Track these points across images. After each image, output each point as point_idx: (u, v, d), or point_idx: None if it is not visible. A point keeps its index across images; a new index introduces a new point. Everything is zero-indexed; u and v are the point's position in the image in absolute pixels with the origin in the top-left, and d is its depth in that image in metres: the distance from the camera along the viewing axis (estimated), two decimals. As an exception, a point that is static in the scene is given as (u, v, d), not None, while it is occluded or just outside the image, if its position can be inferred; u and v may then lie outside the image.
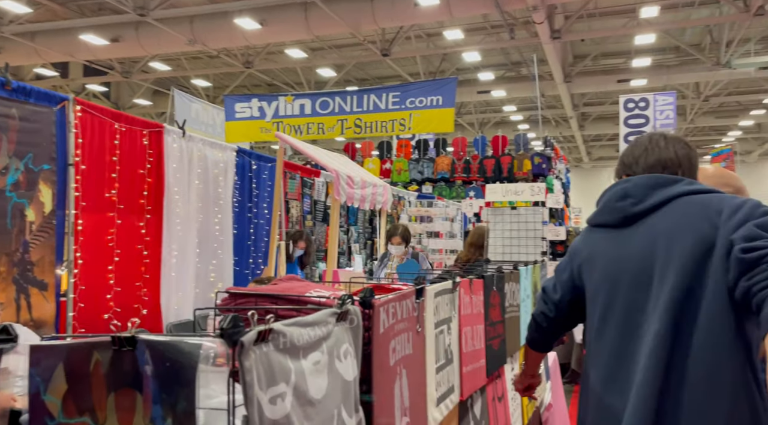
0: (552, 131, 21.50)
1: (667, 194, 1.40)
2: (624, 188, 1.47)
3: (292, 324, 0.74)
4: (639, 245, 1.40)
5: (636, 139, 1.60)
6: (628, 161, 1.56)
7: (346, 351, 0.84)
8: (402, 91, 9.37)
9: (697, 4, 12.33)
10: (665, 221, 1.38)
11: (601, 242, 1.49)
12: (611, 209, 1.48)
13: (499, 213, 3.01)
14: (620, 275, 1.41)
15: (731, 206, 1.31)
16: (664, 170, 1.48)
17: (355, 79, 18.04)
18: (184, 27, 11.72)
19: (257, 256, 5.06)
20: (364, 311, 0.92)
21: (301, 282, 1.12)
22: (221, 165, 4.55)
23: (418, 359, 1.13)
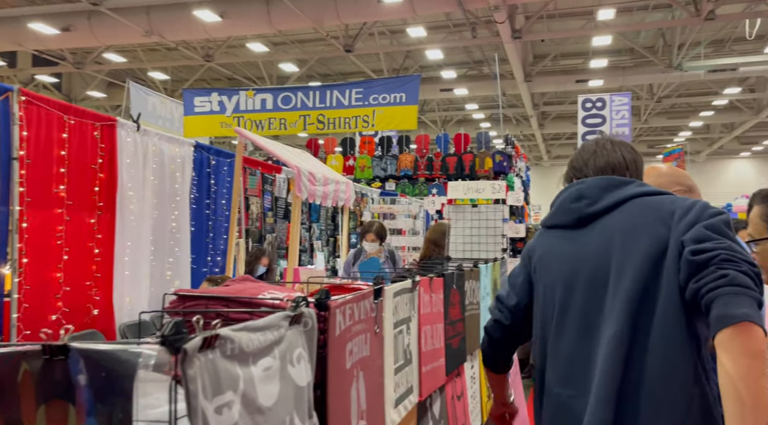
0: (513, 130, 21.86)
1: (621, 196, 1.41)
2: (578, 189, 1.48)
3: (241, 328, 0.70)
4: (594, 245, 1.40)
5: (583, 144, 1.62)
6: (578, 164, 1.58)
7: (300, 355, 0.81)
8: (365, 88, 9.35)
9: (651, 7, 12.72)
10: (620, 221, 1.39)
11: (556, 243, 1.49)
12: (566, 209, 1.48)
13: (461, 211, 3.03)
14: (576, 275, 1.41)
15: (682, 208, 1.33)
16: (613, 173, 1.51)
17: (317, 75, 17.88)
18: (140, 18, 11.35)
19: (216, 254, 4.95)
20: (320, 314, 0.89)
21: (254, 283, 1.08)
22: (178, 161, 4.42)
23: (376, 360, 1.11)
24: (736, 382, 1.08)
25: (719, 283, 1.15)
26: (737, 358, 1.08)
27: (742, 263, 1.17)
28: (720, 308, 1.13)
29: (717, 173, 29.01)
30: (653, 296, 1.29)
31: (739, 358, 1.08)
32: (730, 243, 1.21)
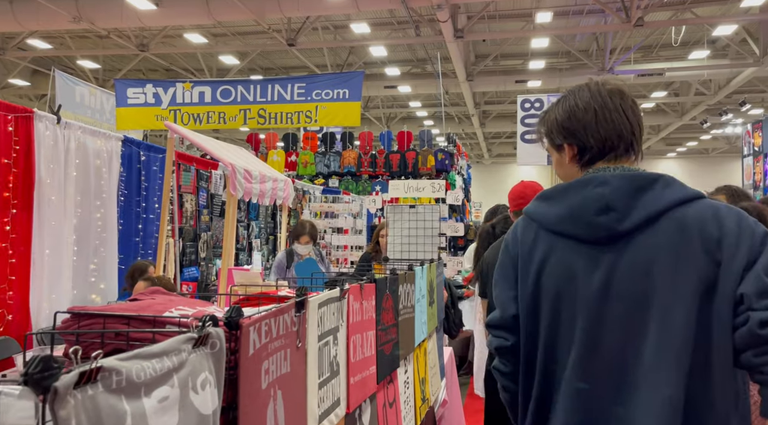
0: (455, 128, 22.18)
1: (654, 208, 1.16)
2: (602, 196, 1.18)
3: (131, 357, 0.63)
4: (628, 274, 1.15)
5: (574, 94, 1.32)
6: (574, 126, 1.27)
7: (205, 380, 0.74)
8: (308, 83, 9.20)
9: (585, 12, 13.19)
10: (658, 247, 1.15)
11: (573, 258, 1.21)
12: (589, 223, 1.18)
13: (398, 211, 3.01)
14: (606, 308, 1.16)
15: (731, 234, 1.13)
16: (620, 141, 1.25)
17: (259, 68, 17.48)
18: (68, 2, 10.70)
19: (146, 254, 4.72)
20: (231, 333, 0.83)
21: (164, 296, 1.00)
22: (104, 155, 4.18)
23: (298, 376, 1.05)
24: None
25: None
26: None
27: None
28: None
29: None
30: (705, 354, 1.10)
31: None
32: None
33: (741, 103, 17.10)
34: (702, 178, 29.00)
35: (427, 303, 2.30)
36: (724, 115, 18.27)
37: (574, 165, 1.31)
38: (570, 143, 1.29)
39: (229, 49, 15.05)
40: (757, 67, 14.05)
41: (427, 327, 2.32)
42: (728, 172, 28.04)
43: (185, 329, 0.81)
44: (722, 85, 16.96)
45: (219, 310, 1.00)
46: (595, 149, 1.27)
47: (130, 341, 0.82)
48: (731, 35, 14.29)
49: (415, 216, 2.93)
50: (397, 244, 2.99)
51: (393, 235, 3.10)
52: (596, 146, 1.26)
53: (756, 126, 9.07)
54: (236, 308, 0.83)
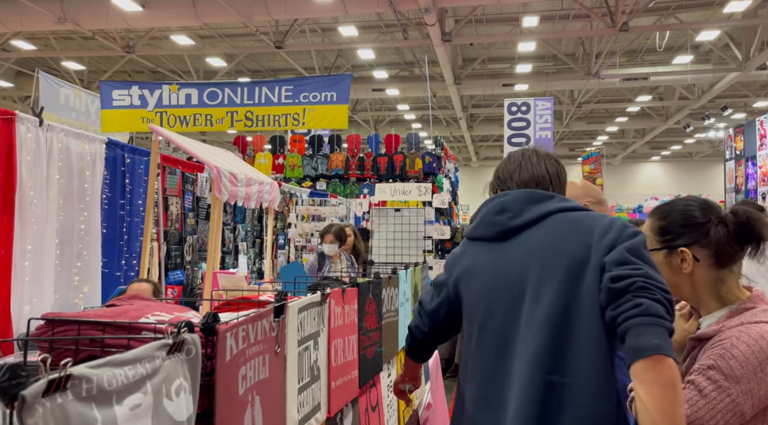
0: (443, 131, 22.26)
1: (543, 210, 1.42)
2: (502, 202, 1.48)
3: (102, 364, 0.62)
4: (514, 260, 1.40)
5: (509, 155, 1.63)
6: (503, 176, 1.59)
7: (180, 386, 0.74)
8: (296, 85, 9.18)
9: (571, 17, 13.31)
10: (541, 237, 1.39)
11: (479, 256, 1.48)
12: (489, 222, 1.47)
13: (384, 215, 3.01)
14: (497, 290, 1.40)
15: (602, 226, 1.35)
16: (537, 186, 1.52)
17: (247, 71, 17.42)
18: (52, 3, 10.60)
19: (131, 257, 4.68)
20: (207, 339, 0.82)
21: (142, 302, 0.99)
22: (88, 158, 4.13)
23: (277, 381, 1.05)
24: (653, 413, 1.09)
25: (633, 312, 1.16)
26: (652, 390, 1.10)
27: (656, 291, 1.18)
28: (633, 339, 1.15)
29: (631, 176, 30.90)
30: (574, 315, 1.28)
31: (653, 389, 1.10)
32: (647, 270, 1.22)
33: (723, 107, 17.35)
34: (685, 181, 29.41)
35: (411, 307, 2.30)
36: (706, 119, 18.53)
37: None
38: (501, 188, 1.58)
39: (217, 51, 14.99)
40: (739, 72, 14.28)
41: (412, 330, 2.32)
42: (711, 175, 28.43)
43: (161, 335, 0.81)
44: (705, 89, 17.20)
45: (197, 316, 0.99)
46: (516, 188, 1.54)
47: (105, 347, 0.82)
48: (714, 41, 14.51)
49: (400, 219, 2.93)
50: (383, 247, 2.99)
51: (378, 238, 3.11)
52: (518, 188, 1.54)
53: (738, 130, 9.21)
54: (212, 314, 0.83)
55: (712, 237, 1.34)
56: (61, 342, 0.83)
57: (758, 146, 8.25)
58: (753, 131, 8.47)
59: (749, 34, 13.62)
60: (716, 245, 1.33)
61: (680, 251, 1.36)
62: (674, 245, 1.38)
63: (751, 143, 8.50)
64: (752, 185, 8.47)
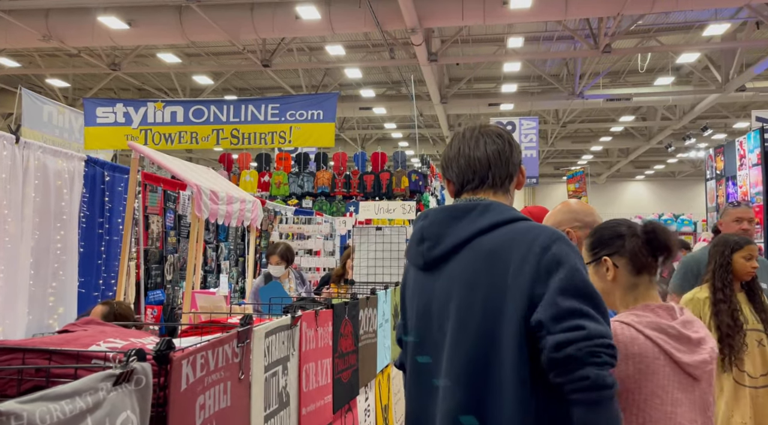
0: (430, 150, 22.37)
1: (463, 235, 1.33)
2: (421, 229, 1.40)
3: (35, 399, 0.58)
4: (438, 297, 1.35)
5: (453, 135, 1.53)
6: (445, 164, 1.49)
7: (126, 420, 0.69)
8: (282, 104, 9.19)
9: (555, 38, 13.54)
10: (459, 271, 1.32)
11: (412, 284, 1.44)
12: (413, 252, 1.41)
13: (365, 233, 2.98)
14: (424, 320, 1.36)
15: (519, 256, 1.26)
16: (474, 175, 1.41)
17: (234, 89, 17.44)
18: (37, 21, 10.55)
19: (109, 276, 4.58)
20: (160, 367, 0.78)
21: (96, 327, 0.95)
22: (65, 176, 4.06)
23: (240, 410, 1.00)
24: None
25: (581, 386, 1.16)
26: None
27: (601, 354, 1.16)
28: (583, 415, 1.17)
29: (615, 195, 31.22)
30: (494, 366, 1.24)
31: None
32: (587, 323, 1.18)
33: (703, 128, 17.66)
34: (668, 200, 29.76)
35: (391, 328, 2.26)
36: (688, 139, 18.83)
37: (452, 197, 1.50)
38: (448, 178, 1.49)
39: (203, 69, 15.00)
40: (719, 93, 14.57)
41: (391, 351, 2.27)
42: (693, 194, 28.80)
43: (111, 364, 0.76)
44: (686, 110, 17.51)
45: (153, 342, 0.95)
46: (456, 182, 1.46)
47: (51, 377, 0.77)
48: (694, 63, 14.82)
49: (381, 238, 2.91)
50: (364, 266, 2.95)
51: (359, 257, 3.07)
52: (456, 180, 1.46)
53: (718, 150, 9.35)
54: (167, 341, 0.79)
55: (627, 247, 1.53)
56: (4, 372, 0.78)
57: (738, 165, 8.38)
58: (733, 152, 8.60)
59: (728, 56, 13.93)
60: (630, 254, 1.53)
61: (603, 259, 1.55)
62: (599, 256, 1.56)
63: (731, 163, 8.63)
64: (733, 204, 8.55)
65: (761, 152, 7.59)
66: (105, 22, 10.41)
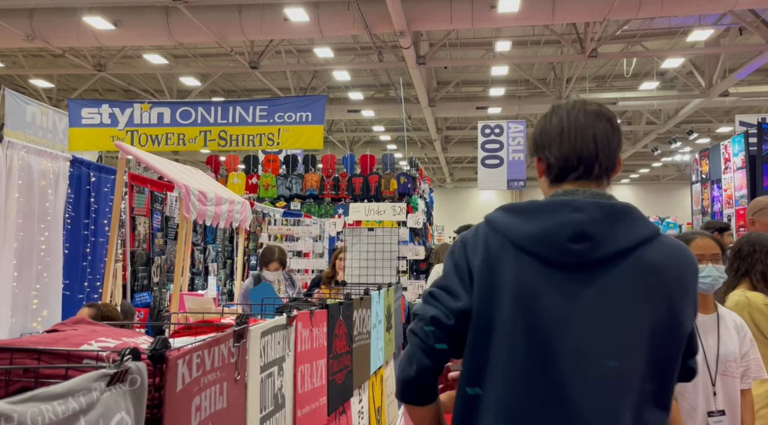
0: (418, 152, 22.40)
1: (625, 243, 1.16)
2: (579, 223, 1.16)
3: (26, 399, 0.55)
4: (590, 308, 1.14)
5: (554, 108, 1.31)
6: (542, 140, 1.28)
7: (121, 422, 0.66)
8: (270, 106, 9.14)
9: (542, 42, 13.64)
10: (622, 283, 1.15)
11: (538, 280, 1.17)
12: (562, 248, 1.15)
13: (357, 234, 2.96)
14: (564, 339, 1.14)
15: (691, 281, 1.20)
16: (579, 163, 1.23)
17: (221, 90, 17.33)
18: (21, 20, 10.39)
19: (94, 279, 4.50)
20: (156, 367, 0.75)
21: (87, 326, 0.91)
22: (50, 176, 3.99)
23: (236, 411, 0.98)
24: None
25: None
26: None
27: None
28: None
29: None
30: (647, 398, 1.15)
31: None
32: None
33: (688, 132, 17.89)
34: (653, 203, 30.07)
35: (384, 329, 2.24)
36: (673, 143, 19.06)
37: (545, 181, 1.32)
38: (539, 158, 1.30)
39: (191, 70, 14.88)
40: (703, 98, 14.77)
41: (384, 353, 2.25)
42: (678, 198, 29.15)
43: (103, 363, 0.73)
44: (671, 115, 17.73)
45: (148, 341, 0.92)
46: (556, 167, 1.26)
47: (40, 378, 0.74)
48: (679, 68, 15.01)
49: (374, 239, 2.88)
50: (356, 268, 2.93)
51: (351, 258, 3.04)
52: (556, 164, 1.26)
53: (703, 154, 9.47)
54: (162, 340, 0.76)
55: None
56: (-8, 371, 0.75)
57: (723, 169, 8.49)
58: (718, 155, 8.72)
59: (712, 62, 14.13)
60: None
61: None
62: None
63: (716, 167, 8.74)
64: (718, 208, 8.69)
65: (746, 156, 7.70)
66: (90, 23, 10.28)
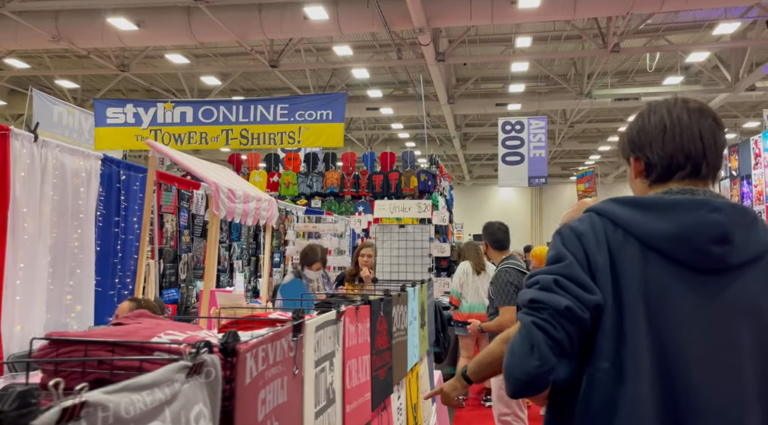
0: (437, 150, 22.33)
1: (761, 247, 1.12)
2: (721, 224, 1.09)
3: (119, 389, 0.56)
4: (726, 315, 1.09)
5: (650, 107, 1.25)
6: (640, 140, 1.22)
7: (200, 413, 0.67)
8: (291, 104, 9.19)
9: (563, 38, 13.48)
10: (758, 291, 1.10)
11: (668, 281, 1.10)
12: (702, 250, 1.09)
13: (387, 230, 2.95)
14: (709, 346, 1.08)
15: None
16: (687, 161, 1.17)
17: (241, 89, 17.45)
18: (47, 22, 10.59)
19: (125, 275, 4.57)
20: (226, 360, 0.76)
21: (151, 320, 0.93)
22: (83, 175, 4.06)
23: (294, 406, 0.98)
24: None
25: None
26: None
27: None
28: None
29: (623, 194, 30.99)
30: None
31: None
32: None
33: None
34: (678, 200, 29.59)
35: (418, 325, 2.23)
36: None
37: (641, 182, 1.27)
38: (636, 158, 1.25)
39: (211, 69, 15.02)
40: (729, 93, 14.47)
41: (419, 350, 2.25)
42: (703, 194, 28.61)
43: (176, 356, 0.74)
44: (696, 109, 17.40)
45: (210, 335, 0.93)
46: (659, 166, 1.21)
47: (114, 370, 0.75)
48: (704, 62, 14.72)
49: (404, 236, 2.88)
50: (386, 264, 2.92)
51: (382, 255, 3.04)
52: (660, 164, 1.20)
53: (733, 149, 9.28)
54: (232, 333, 0.77)
55: None
56: (66, 364, 0.76)
57: (753, 164, 8.31)
58: (747, 150, 8.54)
59: (738, 55, 13.84)
60: None
61: None
62: None
63: (746, 162, 8.57)
64: (747, 204, 8.52)
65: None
66: (114, 24, 10.44)
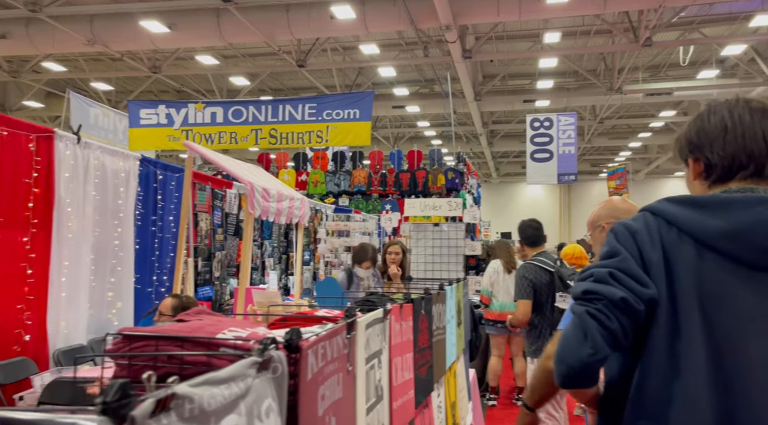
0: (463, 147, 22.21)
1: None
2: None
3: (201, 383, 0.59)
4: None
5: (709, 107, 1.23)
6: (699, 140, 1.20)
7: (269, 407, 0.70)
8: (319, 103, 9.26)
9: (593, 32, 13.26)
10: None
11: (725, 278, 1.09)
12: (758, 248, 1.08)
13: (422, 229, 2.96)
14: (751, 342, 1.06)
15: None
16: (750, 160, 1.14)
17: (269, 89, 17.65)
18: (82, 26, 10.89)
19: (162, 273, 4.69)
20: (290, 356, 0.79)
21: (212, 317, 0.96)
22: (122, 175, 4.18)
23: (348, 402, 1.00)
24: None
25: None
26: None
27: None
28: None
29: (655, 191, 30.39)
30: None
31: None
32: None
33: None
34: (712, 197, 28.82)
35: (455, 324, 2.24)
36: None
37: (700, 183, 1.25)
38: (695, 159, 1.23)
39: (240, 70, 15.23)
40: (766, 86, 14.04)
41: (456, 348, 2.26)
42: (738, 191, 27.84)
43: (241, 352, 0.77)
44: (731, 103, 16.93)
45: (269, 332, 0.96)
46: (720, 167, 1.19)
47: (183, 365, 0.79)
48: (740, 55, 14.31)
49: (439, 234, 2.88)
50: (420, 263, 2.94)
51: (416, 253, 3.06)
52: (721, 164, 1.18)
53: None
54: (296, 330, 0.79)
55: None
56: (137, 357, 0.80)
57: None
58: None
59: (776, 47, 13.43)
60: None
61: None
62: None
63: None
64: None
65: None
66: (147, 27, 10.67)
